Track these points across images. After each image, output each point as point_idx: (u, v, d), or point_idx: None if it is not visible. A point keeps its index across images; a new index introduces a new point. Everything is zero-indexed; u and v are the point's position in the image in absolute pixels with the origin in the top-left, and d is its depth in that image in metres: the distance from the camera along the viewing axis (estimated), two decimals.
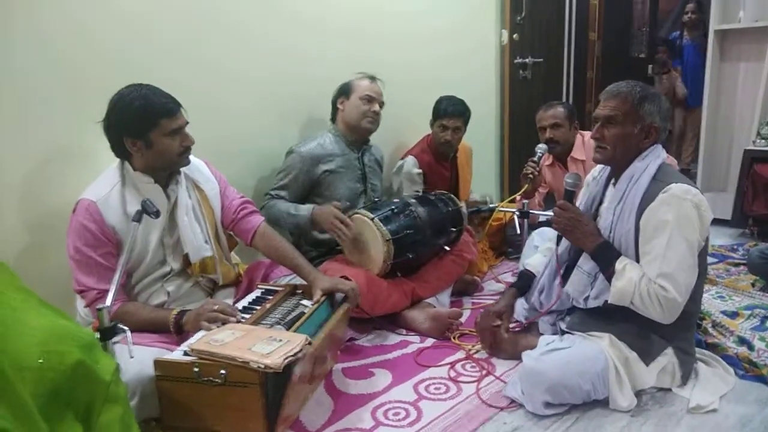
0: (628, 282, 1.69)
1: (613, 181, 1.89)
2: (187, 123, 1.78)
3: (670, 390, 1.80)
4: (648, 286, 1.66)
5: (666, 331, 1.76)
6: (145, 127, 1.70)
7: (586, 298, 1.84)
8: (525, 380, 1.74)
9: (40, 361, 1.11)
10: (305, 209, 2.39)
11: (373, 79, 2.58)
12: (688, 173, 4.41)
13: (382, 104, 2.58)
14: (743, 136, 3.66)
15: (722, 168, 3.84)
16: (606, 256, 1.77)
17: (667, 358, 1.78)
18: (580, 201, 2.05)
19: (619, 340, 1.76)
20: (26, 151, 1.88)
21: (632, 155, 1.80)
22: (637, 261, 1.73)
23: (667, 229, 1.66)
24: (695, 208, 1.68)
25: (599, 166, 1.99)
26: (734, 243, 3.33)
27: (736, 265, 2.95)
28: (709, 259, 3.01)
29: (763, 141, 3.45)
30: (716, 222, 3.67)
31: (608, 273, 1.75)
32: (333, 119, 2.62)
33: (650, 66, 5.11)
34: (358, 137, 2.59)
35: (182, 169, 1.86)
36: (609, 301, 1.74)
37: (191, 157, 1.86)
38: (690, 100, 4.87)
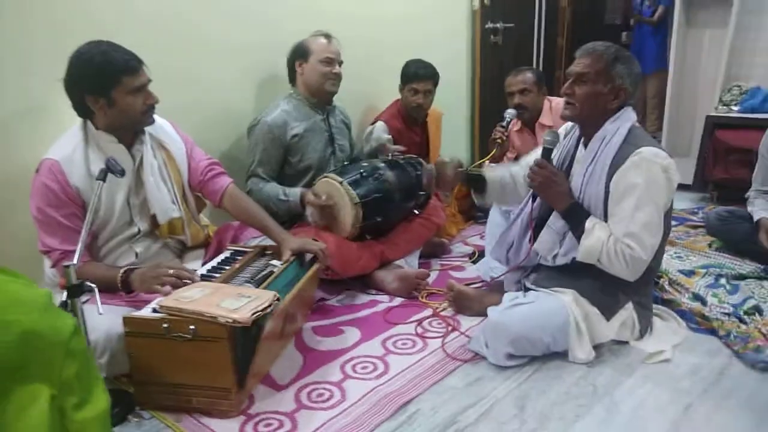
0: (597, 240, 1.75)
1: (583, 141, 1.92)
2: (150, 81, 1.76)
3: (627, 343, 1.88)
4: (615, 245, 1.72)
5: (627, 286, 1.82)
6: (106, 84, 1.67)
7: (555, 256, 1.89)
8: (489, 333, 1.80)
9: None
10: (294, 194, 2.38)
11: (329, 37, 2.52)
12: (654, 139, 4.51)
13: (341, 63, 2.55)
14: (707, 103, 3.74)
15: (686, 134, 3.94)
16: (576, 216, 1.82)
17: (627, 312, 1.86)
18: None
19: (582, 297, 1.82)
20: None
21: (599, 115, 1.83)
22: (606, 221, 1.79)
23: (636, 191, 1.71)
24: (664, 172, 1.73)
25: (569, 125, 2.02)
26: (695, 207, 3.44)
27: (695, 227, 3.05)
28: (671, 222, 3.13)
29: (725, 107, 3.54)
30: (678, 187, 3.70)
31: (578, 232, 1.80)
32: (292, 81, 2.58)
33: (624, 33, 5.16)
34: (320, 99, 2.56)
35: (147, 129, 1.84)
36: (577, 259, 1.80)
37: (156, 117, 1.84)
38: (643, 67, 4.94)
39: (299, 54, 2.51)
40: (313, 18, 2.72)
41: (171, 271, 1.66)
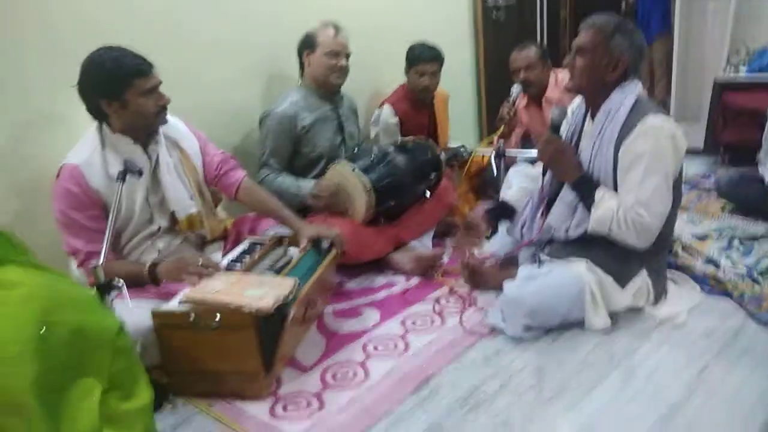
0: (607, 210, 1.78)
1: (590, 114, 1.94)
2: (161, 82, 1.81)
3: (642, 309, 1.91)
4: (625, 214, 1.75)
5: (640, 254, 1.85)
6: (119, 87, 1.72)
7: (567, 229, 1.92)
8: (506, 307, 1.85)
9: (42, 332, 1.17)
10: (308, 187, 2.42)
11: (337, 29, 2.54)
12: (664, 107, 4.48)
13: (348, 56, 2.57)
14: (714, 67, 3.70)
15: (695, 99, 3.91)
16: (586, 187, 1.85)
17: (641, 278, 1.88)
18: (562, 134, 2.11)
19: (596, 266, 1.85)
20: (4, 119, 1.90)
21: (599, 86, 1.85)
22: (615, 191, 1.81)
23: (644, 160, 1.73)
24: (670, 139, 1.75)
25: (578, 99, 2.04)
26: (707, 171, 3.44)
27: (708, 191, 3.06)
28: (683, 188, 3.14)
29: (733, 70, 3.51)
30: (689, 151, 3.69)
31: (588, 203, 1.83)
32: (302, 70, 2.62)
33: (623, 2, 5.11)
34: (327, 90, 2.60)
35: (161, 129, 1.89)
36: (589, 230, 1.83)
37: (168, 117, 1.89)
38: (648, 33, 4.87)
39: (307, 44, 2.54)
40: (315, 11, 2.74)
41: (200, 260, 1.73)
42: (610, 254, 1.85)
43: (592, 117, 1.92)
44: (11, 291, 1.17)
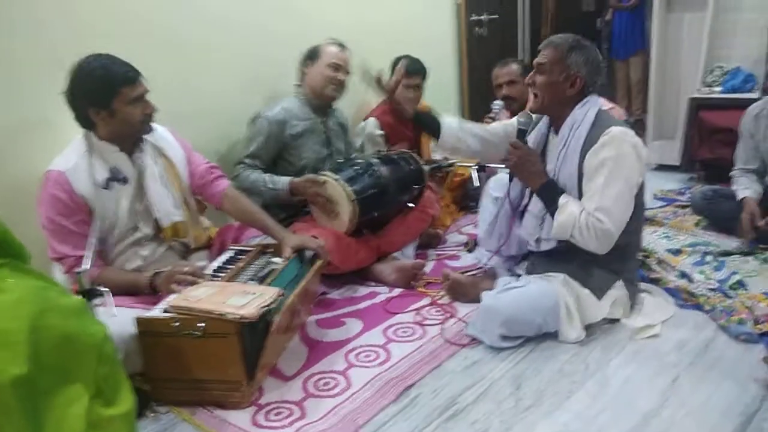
0: (569, 216, 1.83)
1: (553, 129, 2.00)
2: (148, 91, 1.83)
3: (617, 321, 1.96)
4: (587, 219, 1.80)
5: (615, 265, 1.92)
6: (107, 95, 1.73)
7: (538, 240, 1.97)
8: (483, 316, 1.89)
9: (32, 336, 1.18)
10: (283, 182, 2.44)
11: (342, 47, 2.60)
12: (642, 124, 4.59)
13: (348, 73, 2.62)
14: (690, 85, 3.81)
15: (671, 116, 4.01)
16: (551, 194, 1.91)
17: (618, 290, 1.94)
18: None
19: (573, 279, 1.91)
20: None
21: (559, 102, 1.91)
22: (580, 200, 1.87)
23: (606, 168, 1.80)
24: (633, 148, 1.81)
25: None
26: (682, 187, 3.52)
27: (683, 207, 3.13)
28: (658, 203, 3.24)
29: (708, 88, 3.62)
30: (666, 168, 3.90)
31: (552, 209, 1.89)
32: (300, 81, 2.66)
33: (598, 20, 5.25)
34: (322, 102, 2.64)
35: (147, 137, 1.91)
36: (551, 235, 1.88)
37: (155, 125, 1.91)
38: (625, 51, 4.99)
39: (310, 56, 2.60)
40: (305, 27, 2.80)
41: (186, 269, 1.76)
42: (586, 267, 1.91)
43: (556, 132, 1.98)
44: (1, 296, 1.18)
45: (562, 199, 1.87)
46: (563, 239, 1.87)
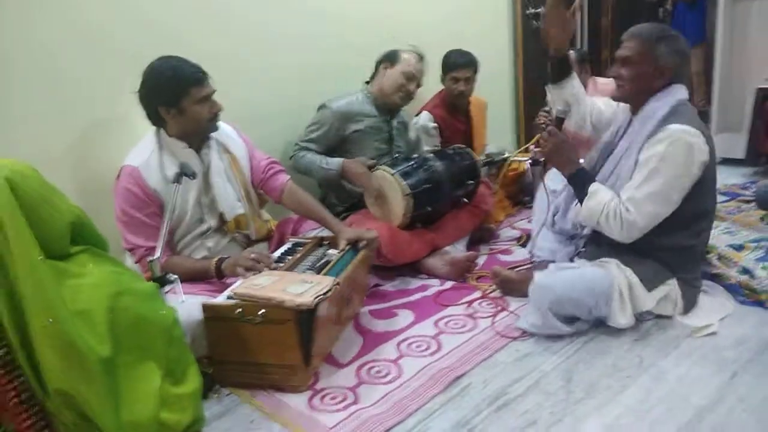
0: (598, 203, 1.85)
1: (634, 116, 1.98)
2: (215, 91, 1.93)
3: (671, 318, 1.93)
4: (616, 207, 1.81)
5: (671, 263, 1.90)
6: (176, 95, 1.85)
7: (584, 225, 1.98)
8: (534, 294, 1.90)
9: (110, 315, 1.32)
10: (335, 163, 2.52)
11: (420, 57, 2.67)
12: (706, 115, 4.43)
13: (419, 85, 2.68)
14: (757, 75, 3.65)
15: (737, 107, 3.84)
16: (581, 181, 1.93)
17: (670, 287, 1.91)
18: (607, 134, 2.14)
19: (626, 266, 1.90)
20: (68, 126, 2.05)
21: (647, 93, 1.90)
22: None
23: (651, 163, 1.79)
24: (685, 148, 1.77)
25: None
26: (747, 181, 3.39)
27: (747, 202, 3.02)
28: (721, 197, 3.13)
29: None
30: (731, 161, 3.76)
31: (581, 196, 1.91)
32: (372, 79, 2.72)
33: (660, 9, 5.09)
34: (387, 105, 2.70)
35: (213, 134, 2.02)
36: (578, 220, 1.90)
37: (220, 123, 2.02)
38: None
39: (389, 57, 2.67)
40: (357, 23, 2.87)
41: (252, 255, 1.88)
42: (640, 260, 1.90)
43: (635, 118, 1.97)
44: (82, 280, 1.30)
45: (592, 187, 1.89)
46: (589, 225, 1.86)
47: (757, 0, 3.67)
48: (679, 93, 1.89)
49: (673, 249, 1.89)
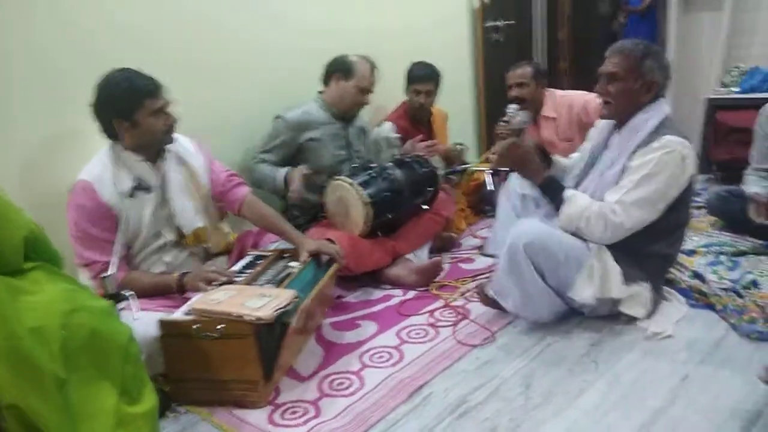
0: (578, 208, 1.89)
1: (617, 129, 2.03)
2: (170, 102, 1.91)
3: (627, 323, 1.98)
4: (600, 209, 1.84)
5: (648, 269, 1.95)
6: (130, 107, 1.83)
7: None
8: (513, 232, 1.91)
9: (63, 332, 1.27)
10: (280, 173, 2.54)
11: (373, 67, 2.69)
12: None
13: (372, 92, 2.71)
14: (707, 85, 3.80)
15: (688, 117, 3.99)
16: (554, 188, 1.98)
17: (642, 290, 1.95)
18: (584, 149, 2.21)
19: (608, 250, 1.93)
20: (19, 141, 2.00)
21: (634, 109, 1.95)
22: None
23: (645, 168, 1.83)
24: (679, 159, 1.83)
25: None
26: (699, 188, 3.50)
27: (699, 208, 3.11)
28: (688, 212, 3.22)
29: (725, 89, 3.60)
30: None
31: (556, 202, 1.95)
32: (324, 85, 2.73)
33: (614, 21, 5.23)
34: (342, 113, 2.72)
35: (169, 147, 1.99)
36: (559, 227, 1.92)
37: (178, 136, 2.00)
38: None
39: (342, 69, 2.66)
40: (324, 32, 2.88)
41: (212, 268, 1.89)
42: (621, 253, 1.92)
43: (618, 131, 2.02)
44: (35, 297, 1.27)
45: (568, 193, 1.93)
46: (568, 230, 1.90)
47: (706, 12, 3.82)
48: (665, 107, 1.95)
49: (651, 256, 1.95)
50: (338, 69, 2.67)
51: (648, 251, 1.94)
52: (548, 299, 1.95)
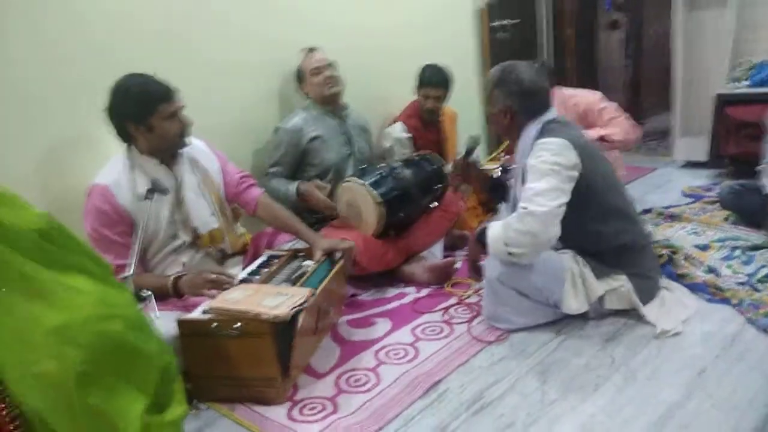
0: (494, 228, 1.91)
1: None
2: (184, 106, 1.94)
3: (642, 318, 1.97)
4: (515, 215, 1.86)
5: (616, 261, 1.97)
6: (145, 112, 1.85)
7: None
8: (487, 266, 1.98)
9: (94, 338, 1.27)
10: (292, 187, 2.59)
11: (311, 50, 2.73)
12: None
13: (331, 65, 2.72)
14: (716, 81, 3.78)
15: (698, 112, 3.96)
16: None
17: (620, 282, 1.96)
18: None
19: (579, 255, 1.97)
20: (35, 145, 2.03)
21: (505, 130, 2.07)
22: None
23: (531, 171, 1.88)
24: (558, 152, 1.85)
25: None
26: (710, 183, 3.50)
27: (711, 203, 3.12)
28: (686, 199, 3.23)
29: (734, 84, 3.59)
30: (694, 164, 3.88)
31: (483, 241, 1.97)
32: (306, 102, 2.79)
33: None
34: (331, 105, 2.75)
35: (184, 150, 2.02)
36: (490, 251, 1.94)
37: (192, 138, 2.02)
38: None
39: (299, 78, 2.77)
40: (326, 31, 2.90)
41: (213, 276, 1.84)
42: (589, 252, 1.97)
43: None
44: (75, 297, 1.28)
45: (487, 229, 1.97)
46: (503, 257, 1.90)
47: (709, 9, 3.80)
48: (546, 116, 1.98)
49: (611, 249, 1.97)
50: (298, 81, 2.78)
51: (597, 244, 1.97)
52: (543, 312, 2.00)
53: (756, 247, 2.47)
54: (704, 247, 2.53)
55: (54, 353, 1.22)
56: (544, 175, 1.85)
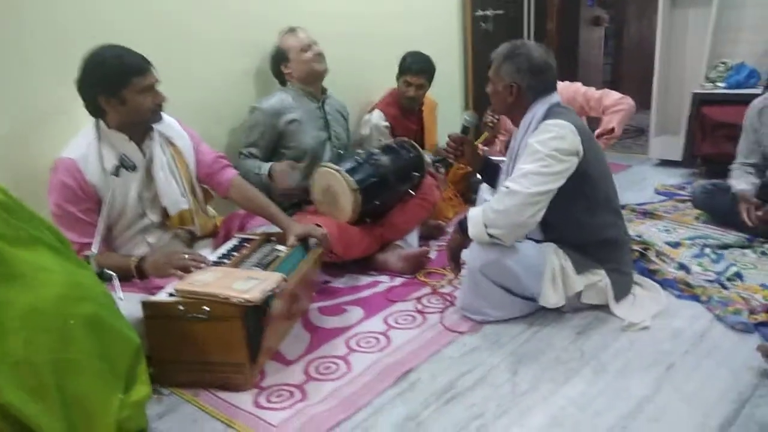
0: (475, 212, 1.90)
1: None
2: (158, 81, 1.87)
3: (613, 312, 1.98)
4: (496, 195, 1.87)
5: (597, 255, 1.97)
6: (118, 84, 1.78)
7: None
8: (469, 255, 1.95)
9: (72, 322, 1.24)
10: (264, 167, 2.51)
11: (294, 30, 2.67)
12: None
13: (316, 42, 2.67)
14: (693, 80, 3.82)
15: (675, 111, 4.02)
16: (491, 170, 2.23)
17: (599, 277, 1.97)
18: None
19: (560, 249, 1.96)
20: (5, 113, 1.93)
21: (507, 108, 2.03)
22: None
23: (529, 150, 1.86)
24: (561, 137, 1.83)
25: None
26: (683, 182, 3.55)
27: (684, 201, 3.16)
28: (659, 197, 3.26)
29: (711, 84, 3.63)
30: (668, 163, 3.93)
31: (494, 184, 2.08)
32: (283, 84, 2.72)
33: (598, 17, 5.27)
34: (314, 84, 2.69)
35: (156, 126, 1.95)
36: (471, 234, 1.91)
37: (164, 115, 1.95)
38: None
39: (281, 58, 2.67)
40: (307, 13, 2.83)
41: (186, 256, 1.78)
42: (573, 249, 1.96)
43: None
44: (44, 277, 1.22)
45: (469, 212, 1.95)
46: (483, 240, 1.89)
47: (692, 8, 3.84)
48: (551, 99, 1.96)
49: (595, 242, 1.97)
50: (279, 61, 2.68)
51: (582, 236, 1.96)
52: (519, 306, 2.00)
53: (726, 246, 2.51)
54: (675, 245, 2.56)
55: (27, 339, 1.17)
56: (538, 158, 1.82)
